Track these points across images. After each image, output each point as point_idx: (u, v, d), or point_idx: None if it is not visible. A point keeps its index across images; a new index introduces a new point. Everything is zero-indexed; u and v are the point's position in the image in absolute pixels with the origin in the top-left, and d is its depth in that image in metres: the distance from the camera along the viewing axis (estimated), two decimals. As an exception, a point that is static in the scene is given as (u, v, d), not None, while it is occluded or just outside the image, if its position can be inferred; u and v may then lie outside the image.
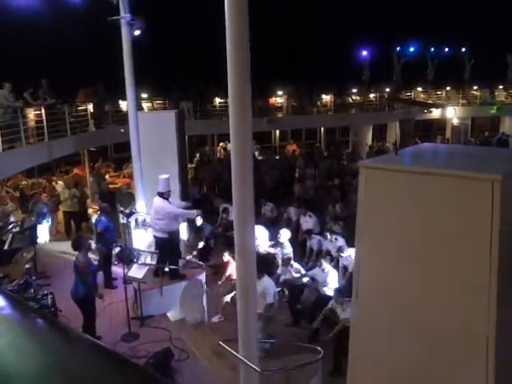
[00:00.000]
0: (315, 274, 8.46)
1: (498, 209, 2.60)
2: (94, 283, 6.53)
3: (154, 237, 7.74)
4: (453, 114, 26.69)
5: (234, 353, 4.28)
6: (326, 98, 25.83)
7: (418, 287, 2.93)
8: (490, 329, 2.68)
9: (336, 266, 8.86)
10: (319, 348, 5.18)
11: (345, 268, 8.72)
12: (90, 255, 6.94)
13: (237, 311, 4.15)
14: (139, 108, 11.64)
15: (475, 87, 31.26)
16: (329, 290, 7.97)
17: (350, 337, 3.29)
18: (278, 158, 21.89)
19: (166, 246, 7.49)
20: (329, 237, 9.74)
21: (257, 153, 21.83)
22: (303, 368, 5.05)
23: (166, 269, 7.46)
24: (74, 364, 0.89)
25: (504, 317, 2.74)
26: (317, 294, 7.89)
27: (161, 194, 7.58)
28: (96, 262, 7.33)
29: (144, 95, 22.42)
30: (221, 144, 22.49)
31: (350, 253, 8.46)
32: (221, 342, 4.72)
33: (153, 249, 7.88)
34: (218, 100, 22.50)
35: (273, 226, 10.87)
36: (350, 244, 8.49)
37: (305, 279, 8.47)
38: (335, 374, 6.03)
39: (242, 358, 4.12)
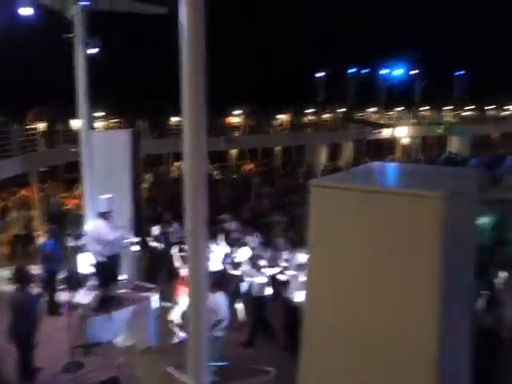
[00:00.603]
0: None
1: (442, 225, 2.69)
2: (34, 320, 6.04)
3: (93, 260, 7.40)
4: (403, 133, 27.73)
5: (183, 378, 4.15)
6: (283, 117, 26.28)
7: (366, 301, 2.98)
8: (434, 340, 2.75)
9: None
10: (270, 368, 5.12)
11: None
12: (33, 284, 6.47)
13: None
14: (92, 127, 11.38)
15: (425, 108, 32.76)
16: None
17: (301, 349, 3.28)
18: (234, 176, 21.94)
19: (106, 270, 7.19)
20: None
21: (215, 172, 21.81)
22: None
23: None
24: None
25: (448, 329, 2.82)
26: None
27: (101, 215, 7.31)
28: (38, 290, 6.85)
29: (99, 114, 22.00)
30: (175, 164, 22.27)
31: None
32: (169, 368, 4.56)
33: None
34: (174, 119, 22.39)
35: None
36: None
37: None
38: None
39: (190, 382, 4.01)
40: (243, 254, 9.68)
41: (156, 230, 10.26)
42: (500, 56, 38.08)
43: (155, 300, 7.77)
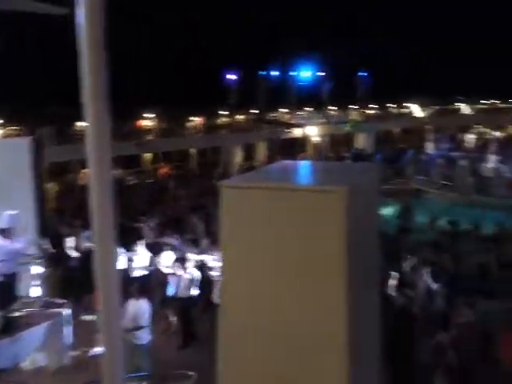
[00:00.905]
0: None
1: (345, 219, 2.83)
2: None
3: None
4: (313, 132, 28.88)
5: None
6: (196, 120, 26.20)
7: (278, 298, 3.06)
8: (342, 334, 2.89)
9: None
10: (191, 372, 5.13)
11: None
12: None
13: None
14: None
15: (333, 107, 34.36)
16: None
17: (218, 349, 3.31)
18: (150, 181, 21.49)
19: (5, 290, 6.73)
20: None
21: (130, 177, 21.22)
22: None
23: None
24: None
25: (356, 322, 2.99)
26: None
27: (1, 231, 6.83)
28: None
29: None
30: (83, 170, 21.25)
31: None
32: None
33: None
34: (80, 124, 21.35)
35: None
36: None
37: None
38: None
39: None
40: (166, 256, 9.58)
41: (70, 241, 9.81)
42: (399, 57, 41.07)
43: (67, 315, 7.42)
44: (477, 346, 6.46)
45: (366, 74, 38.06)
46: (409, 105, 39.98)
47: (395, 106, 41.72)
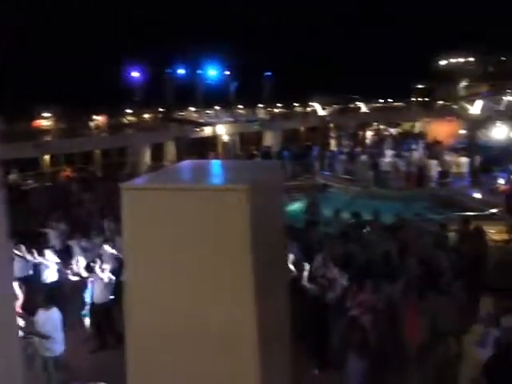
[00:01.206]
0: None
1: (248, 216, 2.85)
2: None
3: None
4: (222, 131, 29.02)
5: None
6: (99, 119, 25.02)
7: (187, 299, 3.02)
8: (253, 331, 2.93)
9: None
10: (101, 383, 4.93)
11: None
12: None
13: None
14: None
15: (240, 106, 34.77)
16: None
17: (127, 354, 3.20)
18: (50, 184, 20.15)
19: None
20: None
21: (28, 181, 19.75)
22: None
23: None
24: None
25: (265, 318, 3.04)
26: None
27: None
28: None
29: None
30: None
31: None
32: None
33: None
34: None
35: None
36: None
37: None
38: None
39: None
40: (78, 261, 9.24)
41: None
42: (303, 58, 42.74)
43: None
44: (384, 327, 6.99)
45: (270, 74, 39.06)
46: (312, 104, 41.74)
47: (300, 105, 43.34)
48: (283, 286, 3.96)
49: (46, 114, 23.70)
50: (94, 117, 24.95)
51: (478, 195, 17.08)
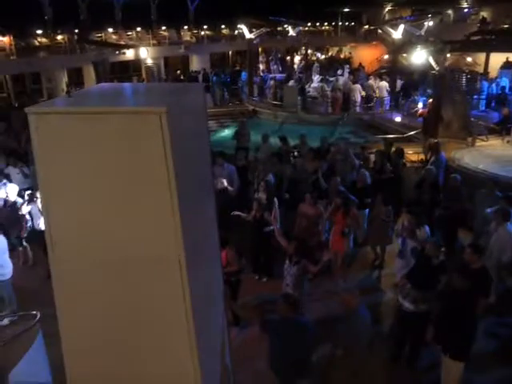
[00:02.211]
0: None
1: (168, 139, 2.77)
2: None
3: None
4: (145, 54, 27.40)
5: None
6: (4, 40, 22.49)
7: (110, 227, 2.96)
8: (181, 253, 2.95)
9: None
10: (35, 312, 4.87)
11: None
12: None
13: None
14: None
15: (163, 28, 32.73)
16: None
17: (54, 289, 3.16)
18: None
19: None
20: None
21: None
22: (21, 337, 4.67)
23: None
24: None
25: (190, 239, 3.07)
26: None
27: None
28: None
29: None
30: None
31: None
32: None
33: None
34: None
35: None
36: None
37: None
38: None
39: None
40: (11, 188, 8.94)
41: None
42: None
43: None
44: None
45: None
46: (240, 26, 40.22)
47: (226, 27, 41.59)
48: (211, 210, 4.01)
49: None
50: (-1, 37, 22.43)
51: (398, 119, 17.90)
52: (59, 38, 25.29)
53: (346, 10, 37.06)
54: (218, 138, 16.93)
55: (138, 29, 30.32)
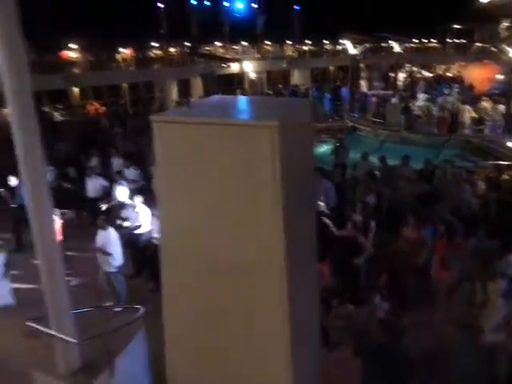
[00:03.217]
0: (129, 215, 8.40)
1: (277, 152, 2.86)
2: None
3: None
4: (249, 68, 28.33)
5: (44, 329, 3.99)
6: (126, 52, 24.67)
7: (216, 232, 3.12)
8: (283, 261, 3.01)
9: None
10: (138, 306, 5.19)
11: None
12: None
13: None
14: None
15: (268, 42, 33.64)
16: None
17: (162, 285, 3.38)
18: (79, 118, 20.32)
19: None
20: None
21: (57, 114, 19.95)
22: (124, 330, 5.01)
23: None
24: None
25: (293, 250, 3.12)
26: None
27: None
28: None
29: None
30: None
31: None
32: (29, 322, 4.34)
33: None
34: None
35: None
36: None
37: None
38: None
39: (53, 332, 3.88)
40: (121, 192, 9.56)
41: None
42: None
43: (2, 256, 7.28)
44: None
45: (298, 8, 37.30)
46: (343, 41, 39.99)
47: (329, 42, 41.56)
48: (312, 223, 4.03)
49: (72, 46, 23.49)
50: (121, 49, 24.60)
51: (511, 144, 16.52)
52: (172, 50, 27.07)
53: (457, 26, 35.24)
54: (317, 153, 16.90)
55: (244, 43, 31.42)
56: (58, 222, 7.38)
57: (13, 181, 9.17)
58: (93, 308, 5.72)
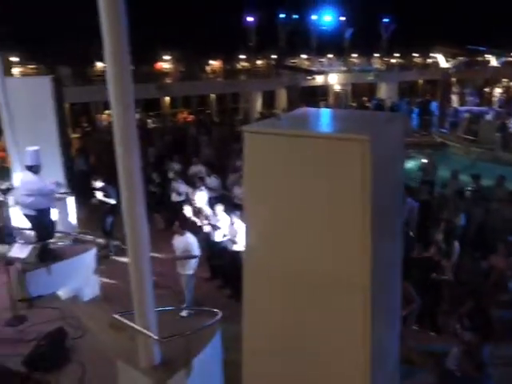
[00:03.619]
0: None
1: (368, 167, 2.81)
2: None
3: (23, 214, 7.15)
4: (335, 80, 28.15)
5: (130, 323, 4.22)
6: (215, 63, 25.66)
7: (300, 245, 3.11)
8: (366, 280, 2.94)
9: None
10: (217, 310, 5.32)
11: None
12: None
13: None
14: (7, 73, 10.49)
15: (354, 55, 33.25)
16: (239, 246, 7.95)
17: (243, 295, 3.43)
18: (170, 125, 21.40)
19: (34, 225, 6.99)
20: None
21: (149, 121, 21.20)
22: (202, 331, 5.15)
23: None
24: None
25: (378, 269, 3.04)
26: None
27: (29, 168, 6.94)
28: None
29: (14, 59, 20.26)
30: (106, 112, 21.43)
31: None
32: (115, 315, 4.61)
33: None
34: (100, 64, 21.21)
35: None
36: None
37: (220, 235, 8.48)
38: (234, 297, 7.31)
39: (137, 327, 4.09)
40: (200, 195, 9.81)
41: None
42: (425, 3, 38.95)
43: (94, 252, 7.77)
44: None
45: (388, 21, 36.44)
46: (434, 55, 38.42)
47: (419, 55, 40.13)
48: (398, 242, 3.90)
49: (166, 58, 24.92)
50: (211, 61, 25.65)
51: None
52: (259, 63, 27.68)
53: None
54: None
55: (330, 55, 31.29)
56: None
57: (99, 183, 9.77)
58: (174, 307, 5.97)
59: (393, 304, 3.91)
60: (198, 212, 9.03)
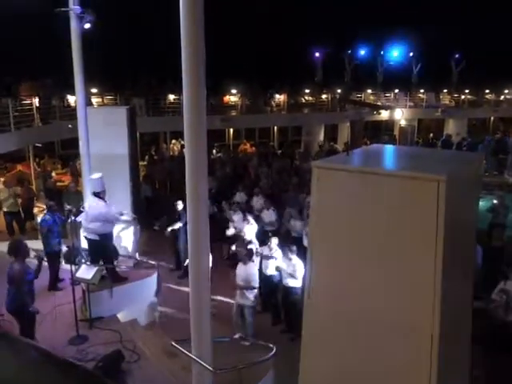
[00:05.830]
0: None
1: (442, 208, 2.70)
2: (30, 293, 5.91)
3: (85, 238, 7.50)
4: (400, 115, 27.65)
5: (186, 352, 4.22)
6: (280, 97, 26.11)
7: (367, 285, 3.01)
8: (435, 327, 2.78)
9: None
10: (271, 345, 5.22)
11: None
12: (30, 260, 6.25)
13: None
14: (88, 103, 11.26)
15: (421, 90, 32.63)
16: (294, 282, 7.80)
17: (302, 333, 3.34)
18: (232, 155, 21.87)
19: (97, 249, 7.26)
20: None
21: (214, 151, 21.79)
22: (256, 366, 5.07)
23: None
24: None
25: (447, 315, 2.86)
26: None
27: (97, 194, 7.37)
28: (34, 268, 6.61)
29: (94, 90, 21.79)
30: (173, 141, 22.30)
31: None
32: (173, 342, 4.64)
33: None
34: (171, 96, 22.22)
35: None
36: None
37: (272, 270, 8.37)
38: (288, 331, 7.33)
39: (194, 357, 4.08)
40: (250, 228, 9.82)
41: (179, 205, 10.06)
42: (497, 38, 37.75)
43: (155, 277, 7.94)
44: None
45: (459, 56, 35.57)
46: (508, 91, 36.90)
47: (491, 92, 38.65)
48: (469, 286, 3.67)
49: (234, 91, 25.76)
50: (276, 95, 26.20)
51: None
52: (323, 97, 27.84)
53: None
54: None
55: (396, 90, 30.91)
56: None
57: (180, 205, 9.95)
58: (230, 338, 5.92)
59: (462, 355, 3.65)
60: (247, 244, 8.94)
